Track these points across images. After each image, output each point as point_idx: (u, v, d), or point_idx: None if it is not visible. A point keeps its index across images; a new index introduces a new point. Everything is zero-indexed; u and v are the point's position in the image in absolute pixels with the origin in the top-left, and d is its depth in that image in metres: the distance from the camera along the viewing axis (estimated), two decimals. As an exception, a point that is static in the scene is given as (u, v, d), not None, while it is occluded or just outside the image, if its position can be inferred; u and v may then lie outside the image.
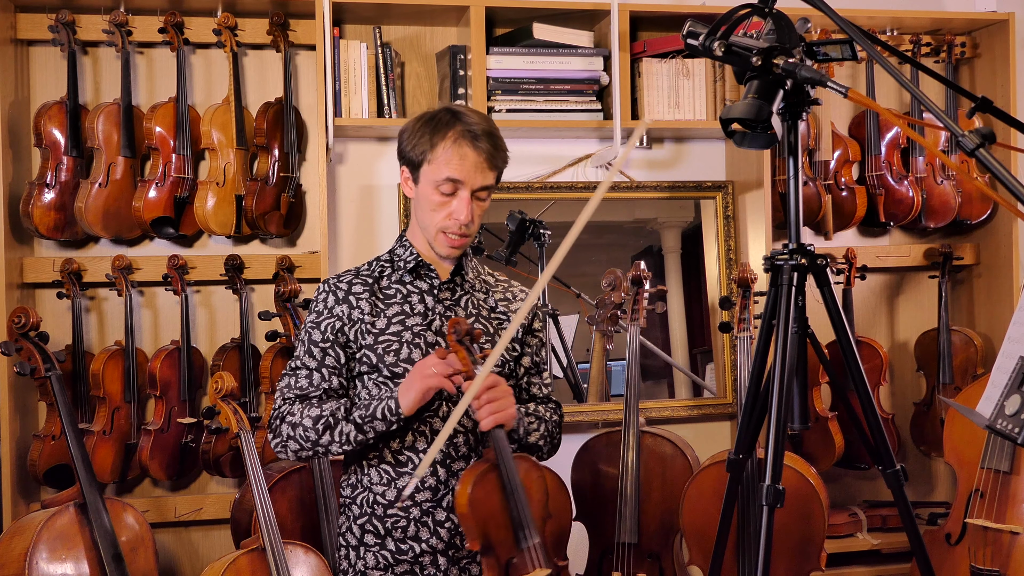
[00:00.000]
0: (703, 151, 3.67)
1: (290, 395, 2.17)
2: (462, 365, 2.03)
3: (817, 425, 3.46)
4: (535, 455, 2.27)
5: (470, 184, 2.11)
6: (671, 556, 3.06)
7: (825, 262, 2.05)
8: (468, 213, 2.11)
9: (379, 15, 3.33)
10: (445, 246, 2.16)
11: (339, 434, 2.09)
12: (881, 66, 1.70)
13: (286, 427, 2.13)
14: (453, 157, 2.10)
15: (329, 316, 2.17)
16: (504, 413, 2.04)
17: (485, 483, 2.06)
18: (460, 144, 2.10)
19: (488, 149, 2.12)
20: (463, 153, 2.10)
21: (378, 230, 3.41)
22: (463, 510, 2.04)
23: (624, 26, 3.37)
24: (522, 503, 2.08)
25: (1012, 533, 2.85)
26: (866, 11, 3.64)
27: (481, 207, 2.17)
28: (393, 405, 2.07)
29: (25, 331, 2.75)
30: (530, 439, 2.22)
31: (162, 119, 3.13)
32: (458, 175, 2.10)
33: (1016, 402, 1.49)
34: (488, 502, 2.06)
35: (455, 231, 2.14)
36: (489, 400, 2.03)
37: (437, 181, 2.12)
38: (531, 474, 2.18)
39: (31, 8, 3.12)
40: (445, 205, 2.13)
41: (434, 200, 2.13)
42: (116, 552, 2.64)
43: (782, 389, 1.93)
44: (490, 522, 2.07)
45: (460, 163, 2.10)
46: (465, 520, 2.05)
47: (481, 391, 2.01)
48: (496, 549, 2.08)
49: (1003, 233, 3.73)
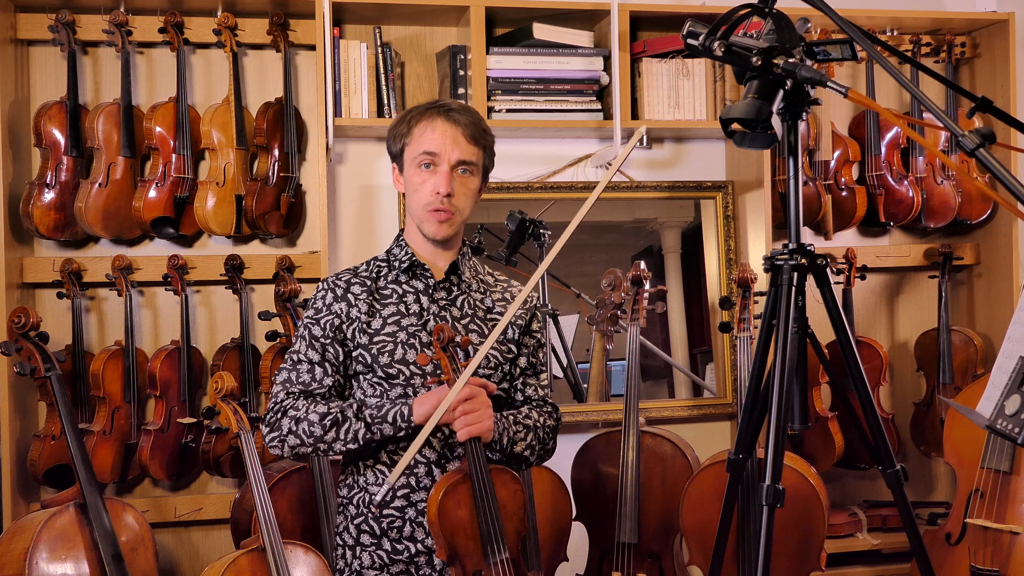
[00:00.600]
0: (703, 151, 3.67)
1: (293, 389, 2.14)
2: (444, 373, 2.04)
3: (817, 425, 3.46)
4: (521, 465, 2.23)
5: (447, 155, 2.12)
6: (671, 556, 3.06)
7: (825, 262, 2.05)
8: (448, 185, 2.12)
9: (379, 15, 3.33)
10: (432, 223, 2.15)
11: (346, 432, 2.08)
12: (881, 66, 1.70)
13: (287, 421, 2.11)
14: (426, 130, 2.14)
15: (328, 313, 2.17)
16: (479, 426, 2.04)
17: (456, 493, 2.04)
18: (432, 119, 2.14)
19: (465, 122, 2.15)
20: (434, 125, 2.14)
21: (378, 230, 3.41)
22: (432, 518, 2.03)
23: (624, 26, 3.37)
24: (493, 517, 2.05)
25: (1012, 533, 2.85)
26: (866, 11, 3.64)
27: (465, 184, 2.16)
28: (406, 412, 2.06)
29: (25, 331, 2.75)
30: (515, 449, 2.16)
31: (162, 119, 3.13)
32: (431, 147, 2.12)
33: (1016, 402, 1.49)
34: (457, 512, 2.04)
35: (438, 205, 2.13)
36: (464, 412, 2.03)
37: (415, 157, 2.14)
38: (508, 487, 2.13)
39: (31, 8, 3.12)
40: (426, 182, 2.14)
41: (416, 180, 2.15)
42: (116, 552, 2.64)
43: (782, 389, 1.92)
44: (458, 533, 2.04)
45: (433, 135, 2.13)
46: (433, 527, 2.04)
47: (456, 403, 2.01)
48: (462, 560, 2.06)
49: (1003, 233, 3.73)
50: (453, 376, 2.04)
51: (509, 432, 2.14)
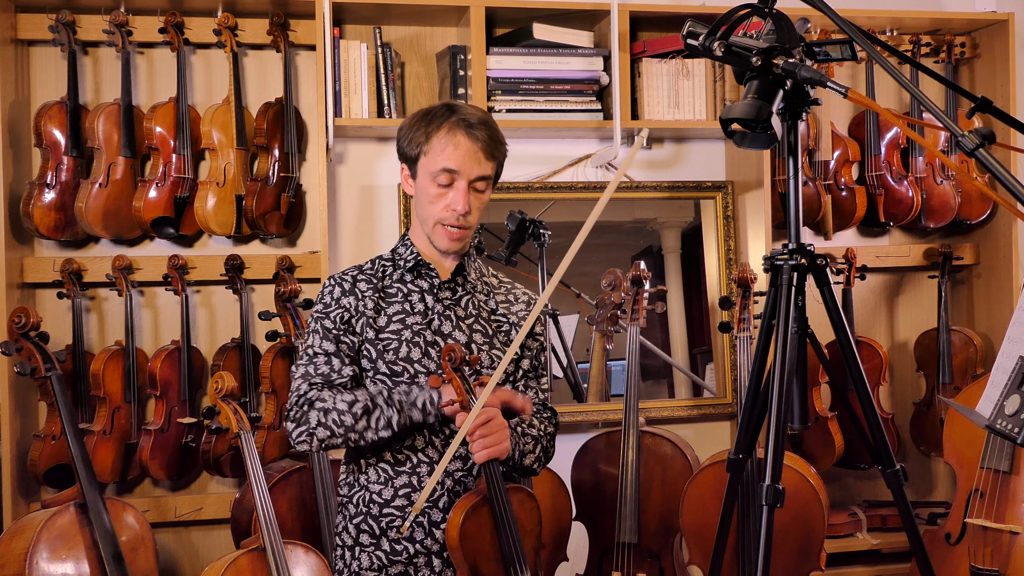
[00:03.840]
0: (703, 151, 3.68)
1: (315, 380, 2.11)
2: (457, 395, 2.02)
3: (817, 425, 3.46)
4: (527, 476, 2.24)
5: (466, 174, 2.10)
6: (671, 556, 3.06)
7: (825, 262, 2.05)
8: (465, 203, 2.10)
9: (379, 15, 3.33)
10: (444, 239, 2.15)
11: (377, 420, 2.05)
12: (881, 66, 1.70)
13: (316, 414, 2.07)
14: (448, 146, 2.10)
15: (337, 307, 2.16)
16: (497, 448, 2.03)
17: (477, 516, 2.02)
18: (455, 133, 2.10)
19: (484, 138, 2.11)
20: (457, 142, 2.10)
21: (378, 230, 3.41)
22: (453, 543, 2.01)
23: (624, 26, 3.37)
24: (514, 538, 2.04)
25: (1012, 533, 2.85)
26: (866, 11, 3.65)
27: (480, 199, 2.15)
28: (435, 396, 2.05)
29: (25, 331, 2.76)
30: (525, 461, 2.16)
31: (162, 119, 3.14)
32: (453, 164, 2.10)
33: (1016, 402, 1.49)
34: (479, 535, 2.02)
35: (453, 223, 2.12)
36: (483, 435, 2.02)
37: (433, 172, 2.11)
38: (525, 505, 2.13)
39: (31, 8, 3.12)
40: (442, 197, 2.12)
41: (431, 192, 2.13)
42: (116, 552, 2.64)
43: (782, 389, 1.93)
44: (480, 556, 2.03)
45: (455, 152, 2.09)
46: (454, 552, 2.02)
47: (475, 427, 2.01)
48: None
49: (1003, 233, 3.73)
50: (467, 399, 2.02)
51: (520, 446, 2.14)
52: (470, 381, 2.05)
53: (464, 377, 2.04)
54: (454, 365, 2.04)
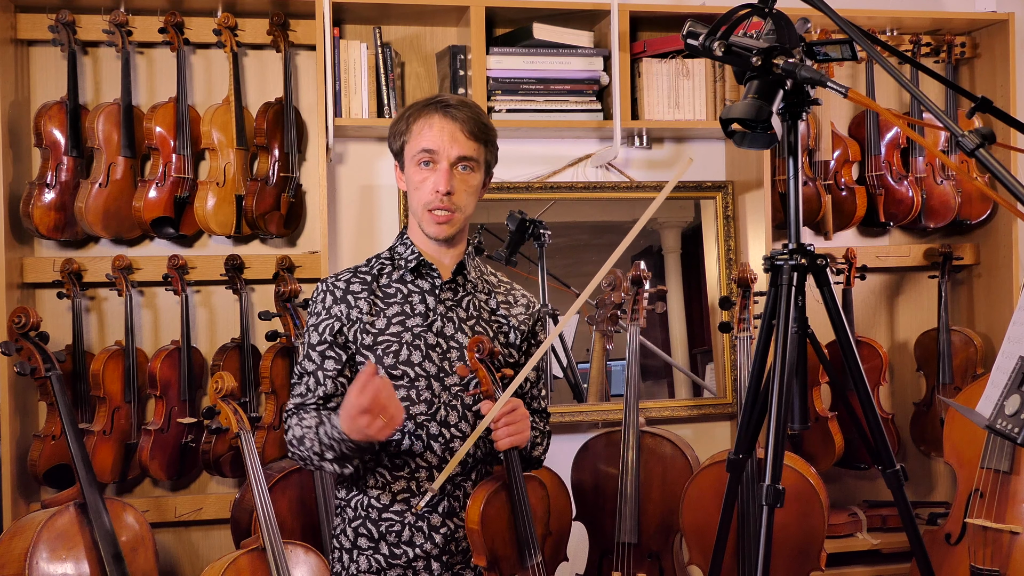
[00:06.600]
0: (703, 151, 3.67)
1: (290, 405, 2.15)
2: (483, 384, 2.07)
3: (817, 425, 3.46)
4: (533, 467, 2.31)
5: (445, 153, 2.10)
6: (671, 556, 3.06)
7: (825, 262, 2.05)
8: (447, 183, 2.09)
9: (379, 15, 3.33)
10: (431, 223, 2.13)
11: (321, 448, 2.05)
12: (881, 66, 1.70)
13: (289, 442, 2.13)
14: (424, 127, 2.12)
15: (328, 317, 2.15)
16: (520, 436, 2.09)
17: (496, 501, 2.10)
18: (431, 115, 2.12)
19: (463, 118, 2.12)
20: (433, 122, 2.11)
21: (378, 230, 3.41)
22: (474, 526, 2.07)
23: (624, 26, 3.37)
24: (529, 522, 2.14)
25: (1012, 533, 2.85)
26: (866, 11, 3.65)
27: (466, 182, 2.13)
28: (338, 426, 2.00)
29: (25, 331, 2.76)
30: (534, 453, 2.26)
31: (162, 119, 3.14)
32: (431, 144, 2.10)
33: (1016, 402, 1.49)
34: (498, 520, 2.10)
35: (437, 204, 2.11)
36: (507, 423, 2.07)
37: (415, 155, 2.12)
38: (536, 493, 2.25)
39: (31, 8, 3.12)
40: (426, 181, 2.12)
41: (416, 179, 2.13)
42: (116, 552, 2.64)
43: (782, 389, 1.93)
44: (498, 539, 2.11)
45: (431, 132, 2.11)
46: (474, 536, 2.09)
47: (500, 415, 2.05)
48: (501, 565, 2.12)
49: (1003, 233, 3.73)
50: (493, 388, 2.07)
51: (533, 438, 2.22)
52: (496, 372, 2.10)
53: (490, 368, 2.09)
54: (481, 356, 2.08)
